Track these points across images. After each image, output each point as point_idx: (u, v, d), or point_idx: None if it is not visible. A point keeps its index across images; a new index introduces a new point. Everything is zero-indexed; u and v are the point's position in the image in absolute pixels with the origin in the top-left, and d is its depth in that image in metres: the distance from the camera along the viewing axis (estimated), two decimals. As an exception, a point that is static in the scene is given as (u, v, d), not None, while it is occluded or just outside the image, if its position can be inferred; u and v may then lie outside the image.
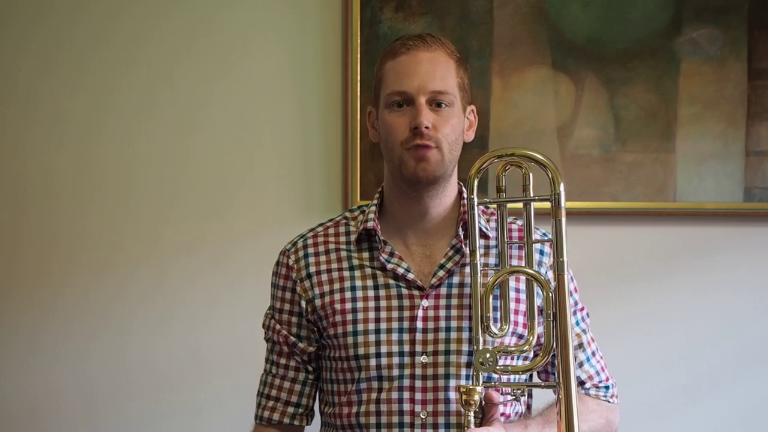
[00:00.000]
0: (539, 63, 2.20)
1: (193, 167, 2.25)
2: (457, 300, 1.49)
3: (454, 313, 1.48)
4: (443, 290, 1.50)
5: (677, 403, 2.22)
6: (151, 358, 2.24)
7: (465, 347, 1.46)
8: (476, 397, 1.37)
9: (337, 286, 1.52)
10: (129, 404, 2.24)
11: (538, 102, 2.19)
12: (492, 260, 1.52)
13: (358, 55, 2.17)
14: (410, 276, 1.50)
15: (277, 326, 1.57)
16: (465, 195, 1.53)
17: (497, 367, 1.39)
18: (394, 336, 1.48)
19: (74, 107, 2.25)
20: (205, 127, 2.24)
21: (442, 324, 1.48)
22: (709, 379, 2.23)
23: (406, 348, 1.47)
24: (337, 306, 1.51)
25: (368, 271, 1.52)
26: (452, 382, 1.45)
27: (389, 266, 1.51)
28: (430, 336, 1.47)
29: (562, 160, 2.19)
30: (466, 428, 1.37)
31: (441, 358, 1.46)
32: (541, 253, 1.56)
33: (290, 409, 1.57)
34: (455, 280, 1.50)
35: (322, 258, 1.55)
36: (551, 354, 1.41)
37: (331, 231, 1.58)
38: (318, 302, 1.53)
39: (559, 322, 1.38)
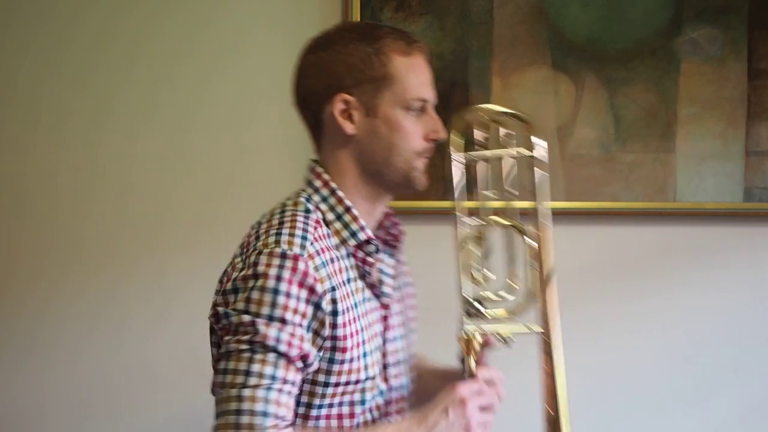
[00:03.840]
0: (539, 63, 2.20)
1: (193, 167, 2.25)
2: (399, 305, 1.50)
3: (401, 319, 1.49)
4: (395, 296, 1.49)
5: (677, 403, 2.22)
6: (148, 357, 2.24)
7: (413, 350, 1.53)
8: (476, 345, 1.38)
9: (347, 303, 1.36)
10: (125, 403, 2.24)
11: (538, 102, 2.19)
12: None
13: (359, 55, 2.17)
14: (386, 289, 1.43)
15: (294, 341, 1.29)
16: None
17: (487, 313, 1.39)
18: (377, 355, 1.41)
19: (75, 107, 2.25)
20: (204, 127, 2.24)
21: (398, 332, 1.49)
22: (709, 379, 2.23)
23: (383, 362, 1.43)
24: (349, 328, 1.35)
25: (359, 284, 1.40)
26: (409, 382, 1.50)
27: (384, 279, 1.44)
28: (393, 347, 1.46)
29: (562, 160, 2.19)
30: (469, 375, 1.36)
31: (404, 364, 1.49)
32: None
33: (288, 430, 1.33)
34: (397, 282, 1.51)
35: (330, 268, 1.35)
36: (534, 300, 1.39)
37: (319, 232, 1.37)
38: (340, 320, 1.34)
39: (542, 267, 1.39)
